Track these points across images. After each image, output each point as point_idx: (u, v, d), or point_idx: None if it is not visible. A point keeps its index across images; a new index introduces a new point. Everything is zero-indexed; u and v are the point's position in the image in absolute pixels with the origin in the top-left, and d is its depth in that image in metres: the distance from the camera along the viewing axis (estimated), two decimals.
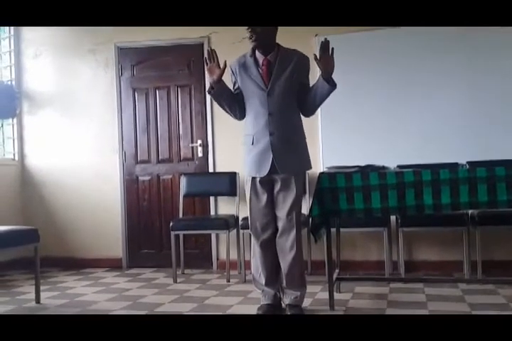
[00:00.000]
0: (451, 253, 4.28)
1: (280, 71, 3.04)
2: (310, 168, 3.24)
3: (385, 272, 4.11)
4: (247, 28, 2.99)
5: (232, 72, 3.15)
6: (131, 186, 5.08)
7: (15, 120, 5.24)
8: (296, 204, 3.06)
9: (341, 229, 3.96)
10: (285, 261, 3.07)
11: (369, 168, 3.35)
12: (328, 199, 3.12)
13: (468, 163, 4.07)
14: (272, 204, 3.09)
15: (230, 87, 3.17)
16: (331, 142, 4.52)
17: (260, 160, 3.04)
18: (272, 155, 3.01)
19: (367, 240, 4.48)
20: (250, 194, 3.12)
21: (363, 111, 4.45)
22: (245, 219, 4.26)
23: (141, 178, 5.07)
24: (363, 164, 3.42)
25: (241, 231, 4.36)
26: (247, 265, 3.76)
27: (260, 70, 3.06)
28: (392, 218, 4.15)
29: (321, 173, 3.23)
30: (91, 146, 5.12)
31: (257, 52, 3.10)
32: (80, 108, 5.16)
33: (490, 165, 3.08)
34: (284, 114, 3.04)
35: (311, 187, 4.32)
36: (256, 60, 3.09)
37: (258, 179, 3.08)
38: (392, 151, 4.32)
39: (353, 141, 4.45)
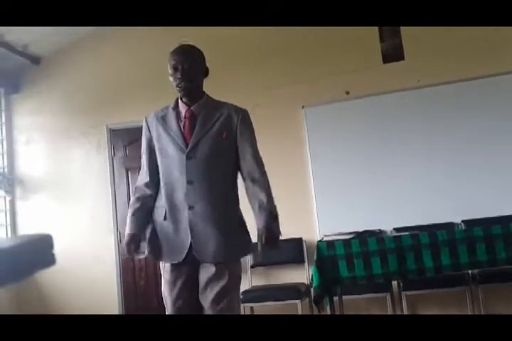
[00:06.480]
0: (456, 313, 4.21)
1: (204, 126, 2.36)
2: (246, 253, 2.46)
3: None
4: (173, 70, 2.31)
5: (148, 127, 2.44)
6: (127, 265, 5.02)
7: (7, 206, 5.24)
8: (229, 295, 2.27)
9: (343, 297, 3.91)
10: None
11: (366, 234, 3.38)
12: (328, 268, 3.11)
13: (463, 221, 4.11)
14: (192, 290, 2.36)
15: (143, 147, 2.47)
16: (325, 208, 4.52)
17: (174, 243, 2.31)
18: (190, 237, 2.28)
19: (370, 306, 4.40)
20: (163, 282, 2.43)
21: (355, 176, 4.49)
22: None
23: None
24: (358, 228, 3.45)
25: None
26: None
27: (181, 125, 2.38)
28: (394, 282, 4.11)
29: (319, 241, 3.24)
30: (85, 228, 5.09)
31: (180, 103, 2.42)
32: (73, 190, 5.18)
33: (485, 222, 3.14)
34: (209, 183, 2.31)
35: (309, 256, 4.30)
36: (178, 114, 2.41)
37: (169, 265, 2.35)
38: (387, 214, 4.34)
39: (347, 205, 4.47)
